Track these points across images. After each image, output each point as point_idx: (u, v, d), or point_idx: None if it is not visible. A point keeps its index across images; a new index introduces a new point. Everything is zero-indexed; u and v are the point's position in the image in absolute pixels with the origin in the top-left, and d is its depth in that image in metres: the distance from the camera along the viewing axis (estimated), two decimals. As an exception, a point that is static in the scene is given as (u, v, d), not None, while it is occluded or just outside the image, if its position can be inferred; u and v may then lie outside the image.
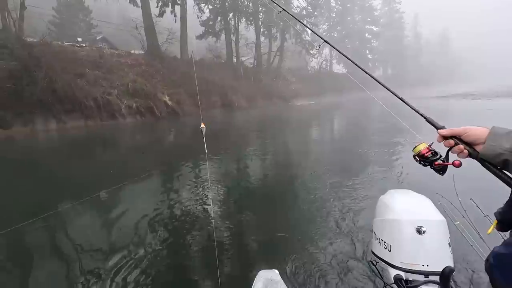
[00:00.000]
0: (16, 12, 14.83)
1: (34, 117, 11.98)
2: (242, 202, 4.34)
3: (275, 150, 8.34)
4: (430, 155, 0.89)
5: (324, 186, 4.64)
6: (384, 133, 9.45)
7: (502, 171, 0.74)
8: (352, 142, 8.96)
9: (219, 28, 29.64)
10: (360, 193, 4.17)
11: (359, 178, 4.94)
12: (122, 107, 15.29)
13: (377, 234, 2.01)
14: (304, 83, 36.97)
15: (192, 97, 19.52)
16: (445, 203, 2.51)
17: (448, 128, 0.85)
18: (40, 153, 8.99)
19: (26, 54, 12.30)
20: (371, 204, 3.52)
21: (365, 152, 7.11)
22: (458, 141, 0.81)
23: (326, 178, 5.06)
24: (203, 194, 4.55)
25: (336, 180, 4.83)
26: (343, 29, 49.45)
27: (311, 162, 6.52)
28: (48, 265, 2.83)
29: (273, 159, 7.15)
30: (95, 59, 16.49)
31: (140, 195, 4.76)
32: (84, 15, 29.16)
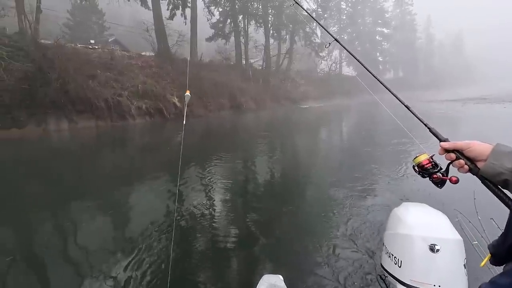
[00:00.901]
0: (32, 15, 15.22)
1: (47, 117, 12.25)
2: (248, 203, 4.31)
3: (280, 155, 8.28)
4: (430, 167, 0.87)
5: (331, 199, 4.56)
6: (394, 139, 9.27)
7: (502, 190, 0.71)
8: (361, 147, 8.83)
9: (228, 31, 29.82)
10: (373, 202, 4.04)
11: (369, 185, 4.82)
12: (132, 108, 15.49)
13: (388, 248, 1.93)
14: (313, 86, 36.78)
15: (201, 99, 19.67)
16: (463, 220, 2.39)
17: (451, 142, 0.83)
18: (52, 152, 9.18)
19: (41, 56, 12.61)
20: (381, 215, 3.43)
21: (376, 160, 6.97)
22: (460, 156, 0.79)
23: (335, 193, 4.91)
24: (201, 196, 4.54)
25: (344, 193, 4.70)
26: (353, 31, 49.06)
27: (316, 177, 6.28)
28: (54, 265, 2.86)
29: (278, 165, 7.10)
30: (106, 61, 16.78)
31: (146, 196, 4.78)
32: (97, 18, 29.81)
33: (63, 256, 3.00)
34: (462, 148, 0.79)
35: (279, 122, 17.29)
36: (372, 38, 50.70)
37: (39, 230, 3.57)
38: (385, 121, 15.34)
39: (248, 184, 5.44)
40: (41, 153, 9.00)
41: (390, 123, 13.38)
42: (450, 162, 0.82)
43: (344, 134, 12.67)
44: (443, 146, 0.82)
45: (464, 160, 0.78)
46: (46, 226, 3.75)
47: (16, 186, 5.46)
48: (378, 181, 5.04)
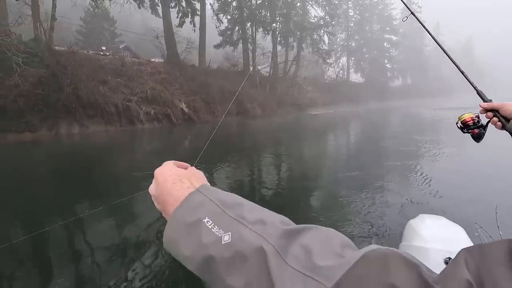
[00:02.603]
0: (47, 22, 15.72)
1: (59, 121, 12.54)
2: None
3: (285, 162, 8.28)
4: (472, 124, 1.01)
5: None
6: (404, 147, 9.21)
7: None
8: (370, 154, 8.77)
9: (236, 38, 30.19)
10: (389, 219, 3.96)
11: (383, 197, 4.77)
12: (140, 114, 15.75)
13: None
14: (320, 92, 36.78)
15: (209, 105, 19.87)
16: (484, 235, 2.30)
17: (489, 102, 0.96)
18: (63, 155, 9.38)
19: (55, 62, 12.97)
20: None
21: (389, 171, 6.92)
22: (496, 114, 0.92)
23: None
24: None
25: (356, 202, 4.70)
26: (361, 38, 49.11)
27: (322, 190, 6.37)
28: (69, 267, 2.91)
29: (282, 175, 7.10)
30: (117, 67, 17.15)
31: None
32: (109, 25, 30.58)
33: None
34: (498, 107, 0.92)
35: (285, 128, 17.30)
36: (380, 45, 50.65)
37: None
38: (398, 128, 15.24)
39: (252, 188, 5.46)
40: (52, 155, 9.20)
41: (397, 131, 13.30)
42: (488, 120, 0.95)
43: (354, 141, 12.61)
44: (482, 106, 0.96)
45: (499, 118, 0.91)
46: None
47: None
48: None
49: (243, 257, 0.34)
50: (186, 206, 0.42)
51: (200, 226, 0.38)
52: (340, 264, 0.29)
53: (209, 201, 0.41)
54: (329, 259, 0.31)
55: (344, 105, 35.03)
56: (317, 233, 0.35)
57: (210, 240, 0.37)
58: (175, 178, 0.48)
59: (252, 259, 0.34)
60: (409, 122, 17.77)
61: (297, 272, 0.30)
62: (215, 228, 0.38)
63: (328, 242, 0.33)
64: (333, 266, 0.30)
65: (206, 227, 0.38)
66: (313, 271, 0.30)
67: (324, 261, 0.31)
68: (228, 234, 0.36)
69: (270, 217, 0.38)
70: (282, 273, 0.31)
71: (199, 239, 0.38)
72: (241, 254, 0.34)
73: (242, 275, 0.33)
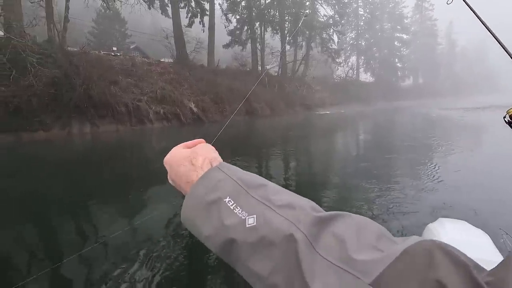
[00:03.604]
0: (61, 24, 16.09)
1: (71, 121, 12.81)
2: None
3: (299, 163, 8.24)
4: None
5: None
6: (418, 148, 9.05)
7: None
8: (381, 155, 8.65)
9: (245, 37, 30.24)
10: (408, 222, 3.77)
11: (401, 206, 4.71)
12: (150, 113, 15.94)
13: None
14: (329, 92, 36.51)
15: (217, 104, 19.96)
16: (510, 242, 2.16)
17: None
18: (76, 154, 9.59)
19: (67, 63, 13.26)
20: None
21: (402, 170, 6.82)
22: None
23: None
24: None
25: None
26: (371, 37, 48.51)
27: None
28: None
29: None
30: (127, 67, 17.40)
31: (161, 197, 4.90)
32: (119, 26, 31.07)
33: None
34: None
35: (294, 128, 17.23)
36: (391, 44, 49.91)
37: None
38: (408, 129, 15.00)
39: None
40: (65, 153, 9.41)
41: (409, 133, 13.08)
42: None
43: (363, 142, 12.46)
44: None
45: None
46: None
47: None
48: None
49: (270, 244, 0.32)
50: (206, 183, 0.40)
51: (220, 205, 0.37)
52: (380, 259, 0.27)
53: (230, 180, 0.39)
54: (366, 252, 0.29)
55: (353, 105, 34.67)
56: (351, 221, 0.33)
57: (232, 222, 0.35)
58: (184, 160, 0.47)
59: (280, 246, 0.31)
60: (422, 124, 17.47)
61: (330, 264, 0.29)
62: (238, 209, 0.36)
63: (362, 232, 0.31)
64: (372, 260, 0.28)
65: (227, 207, 0.36)
66: (348, 264, 0.28)
67: (361, 254, 0.29)
68: (253, 217, 0.34)
69: (298, 201, 0.36)
70: (314, 264, 0.29)
71: (220, 220, 0.36)
72: (268, 240, 0.32)
73: (268, 263, 0.31)
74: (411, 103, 37.76)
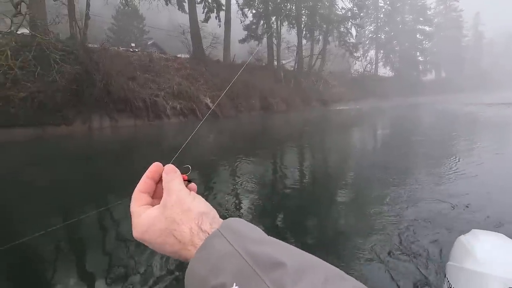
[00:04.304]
0: (82, 21, 16.58)
1: (92, 116, 13.25)
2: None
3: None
4: None
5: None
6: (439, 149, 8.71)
7: None
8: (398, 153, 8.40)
9: (261, 32, 30.03)
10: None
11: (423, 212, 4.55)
12: (167, 108, 16.21)
13: (451, 283, 1.57)
14: (346, 87, 35.76)
15: (232, 100, 20.01)
16: None
17: None
18: (97, 148, 9.93)
19: (88, 59, 13.66)
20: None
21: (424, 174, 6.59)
22: None
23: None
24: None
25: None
26: (391, 30, 46.94)
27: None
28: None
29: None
30: (145, 63, 17.74)
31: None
32: (138, 22, 31.66)
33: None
34: None
35: (309, 123, 17.02)
36: (412, 36, 48.08)
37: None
38: (429, 126, 14.49)
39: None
40: (86, 147, 9.76)
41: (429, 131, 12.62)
42: None
43: (379, 139, 12.14)
44: None
45: None
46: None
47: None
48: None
49: None
50: (205, 260, 0.32)
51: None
52: None
53: (236, 255, 0.30)
54: None
55: (371, 100, 33.79)
56: None
57: None
58: (163, 236, 0.36)
59: None
60: (443, 120, 16.80)
61: None
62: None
63: None
64: None
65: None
66: None
67: None
68: None
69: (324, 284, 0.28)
70: None
71: None
72: None
73: None
74: (432, 99, 36.35)
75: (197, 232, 0.35)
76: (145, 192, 0.42)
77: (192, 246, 0.34)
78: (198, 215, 0.36)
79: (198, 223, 0.36)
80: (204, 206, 0.38)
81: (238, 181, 5.34)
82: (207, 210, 0.38)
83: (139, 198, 0.41)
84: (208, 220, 0.36)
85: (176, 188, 0.39)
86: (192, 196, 0.39)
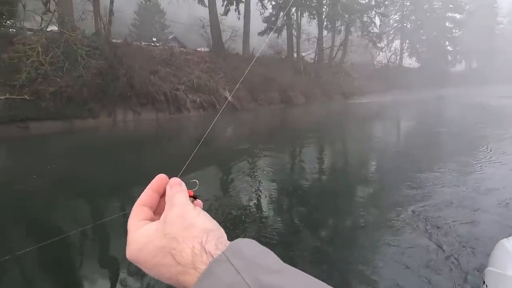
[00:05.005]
0: (106, 17, 17.06)
1: (115, 109, 13.73)
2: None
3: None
4: None
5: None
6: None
7: None
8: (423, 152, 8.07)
9: (281, 24, 29.56)
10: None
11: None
12: (187, 102, 16.47)
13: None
14: (368, 79, 34.60)
15: (252, 93, 20.00)
16: None
17: None
18: (123, 139, 10.31)
19: (112, 54, 14.09)
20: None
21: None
22: None
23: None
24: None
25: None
26: (417, 19, 44.56)
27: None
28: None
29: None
30: (166, 57, 18.04)
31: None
32: (159, 17, 32.18)
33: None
34: None
35: (329, 117, 16.70)
36: (441, 25, 45.36)
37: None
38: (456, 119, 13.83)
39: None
40: (112, 139, 10.15)
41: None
42: None
43: (402, 133, 11.71)
44: None
45: None
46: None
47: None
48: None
49: None
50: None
51: None
52: None
53: (245, 286, 0.25)
54: None
55: (394, 92, 32.52)
56: None
57: None
58: (160, 256, 0.31)
59: None
60: (474, 113, 15.89)
61: None
62: None
63: None
64: None
65: None
66: None
67: None
68: None
69: None
70: None
71: None
72: None
73: None
74: (461, 91, 34.42)
75: (200, 252, 0.29)
76: (146, 205, 0.38)
77: (193, 269, 0.29)
78: (203, 232, 0.31)
79: (202, 242, 0.30)
80: (210, 222, 0.33)
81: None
82: (214, 228, 0.33)
83: (139, 212, 0.37)
84: (214, 240, 0.30)
85: (179, 201, 0.35)
86: (196, 211, 0.34)
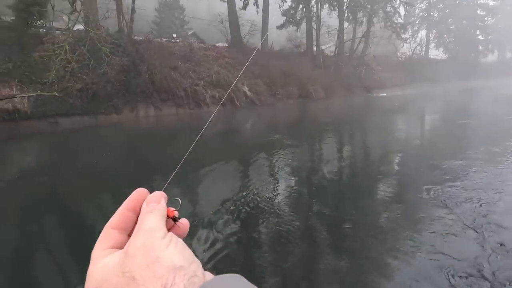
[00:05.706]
0: (128, 15, 17.52)
1: (138, 105, 14.15)
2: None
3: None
4: None
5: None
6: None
7: None
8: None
9: (300, 17, 29.05)
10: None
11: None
12: (207, 97, 16.66)
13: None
14: (391, 72, 33.32)
15: (270, 88, 19.90)
16: None
17: None
18: (146, 134, 10.64)
19: (134, 51, 14.49)
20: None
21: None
22: None
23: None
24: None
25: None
26: (446, 7, 42.21)
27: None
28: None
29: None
30: (186, 53, 18.29)
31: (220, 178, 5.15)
32: (179, 14, 32.61)
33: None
34: None
35: (349, 111, 16.31)
36: (472, 13, 42.66)
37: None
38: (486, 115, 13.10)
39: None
40: (135, 133, 10.49)
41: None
42: None
43: (426, 128, 11.23)
44: None
45: None
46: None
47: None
48: None
49: None
50: None
51: None
52: None
53: None
54: None
55: (419, 85, 31.18)
56: None
57: None
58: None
59: None
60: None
61: None
62: None
63: None
64: None
65: None
66: None
67: None
68: None
69: None
70: None
71: None
72: None
73: None
74: (493, 82, 32.40)
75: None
76: (118, 228, 0.30)
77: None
78: (168, 271, 0.24)
79: (166, 285, 0.23)
80: (181, 256, 0.26)
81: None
82: (184, 264, 0.25)
83: (107, 237, 0.29)
84: (183, 282, 0.24)
85: (148, 226, 0.28)
86: (166, 241, 0.26)
